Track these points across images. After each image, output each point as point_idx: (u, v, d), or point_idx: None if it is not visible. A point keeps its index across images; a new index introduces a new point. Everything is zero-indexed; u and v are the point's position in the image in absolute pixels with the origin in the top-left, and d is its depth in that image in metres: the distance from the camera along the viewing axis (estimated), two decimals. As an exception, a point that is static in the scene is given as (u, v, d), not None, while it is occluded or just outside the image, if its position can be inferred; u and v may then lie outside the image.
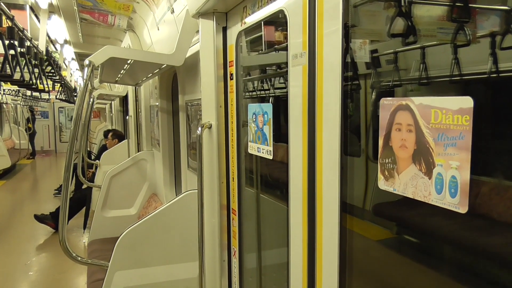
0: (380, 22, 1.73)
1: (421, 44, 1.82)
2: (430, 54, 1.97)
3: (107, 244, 4.93)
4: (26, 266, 6.34)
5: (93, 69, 2.98)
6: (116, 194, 5.59)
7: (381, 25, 1.71)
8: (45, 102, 20.00)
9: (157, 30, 4.44)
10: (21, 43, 4.99)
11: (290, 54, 1.79)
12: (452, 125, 1.11)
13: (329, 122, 1.56)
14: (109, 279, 2.85)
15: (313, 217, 1.70)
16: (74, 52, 9.20)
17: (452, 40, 1.54)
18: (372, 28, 1.73)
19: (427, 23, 1.57)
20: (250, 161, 2.63)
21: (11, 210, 10.10)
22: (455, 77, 1.89)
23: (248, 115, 2.30)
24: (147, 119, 6.08)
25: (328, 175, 1.59)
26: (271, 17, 2.04)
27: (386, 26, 1.61)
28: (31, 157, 19.61)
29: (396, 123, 1.28)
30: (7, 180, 13.62)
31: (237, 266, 2.60)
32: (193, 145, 4.01)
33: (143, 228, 2.93)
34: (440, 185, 1.15)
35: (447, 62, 1.83)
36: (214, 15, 2.52)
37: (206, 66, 2.59)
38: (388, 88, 2.23)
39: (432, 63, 2.05)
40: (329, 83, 1.55)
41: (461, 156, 1.09)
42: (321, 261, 1.68)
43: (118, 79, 5.37)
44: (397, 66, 2.18)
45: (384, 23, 1.66)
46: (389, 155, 1.32)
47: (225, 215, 2.68)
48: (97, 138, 13.40)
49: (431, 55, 1.98)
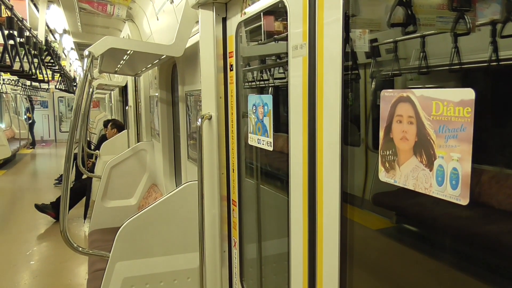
0: (380, 12, 1.72)
1: (421, 33, 1.82)
2: (430, 43, 1.96)
3: (107, 234, 4.95)
4: (27, 255, 6.38)
5: (93, 60, 2.97)
6: (116, 185, 5.60)
7: (381, 15, 1.70)
8: (45, 92, 19.96)
9: (157, 20, 4.41)
10: (20, 33, 4.96)
11: (290, 45, 1.77)
12: (453, 117, 1.10)
13: (329, 113, 1.56)
14: (110, 270, 2.86)
15: (313, 207, 1.70)
16: (74, 42, 9.13)
17: (452, 29, 1.53)
18: (372, 18, 1.72)
19: (427, 12, 1.55)
20: (249, 150, 2.63)
21: (11, 200, 10.13)
22: (455, 66, 1.88)
23: (248, 106, 2.29)
24: (146, 110, 6.06)
25: (329, 165, 1.59)
26: (271, 8, 2.03)
27: (386, 15, 1.61)
28: (31, 147, 19.63)
29: (397, 115, 1.28)
30: (7, 170, 13.65)
31: (238, 257, 2.61)
32: (192, 135, 4.01)
33: (143, 219, 2.94)
34: (441, 177, 1.15)
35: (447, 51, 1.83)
36: (214, 6, 2.51)
37: (206, 57, 2.58)
38: (388, 78, 2.23)
39: (432, 52, 2.04)
40: (330, 74, 1.54)
41: (462, 148, 1.09)
42: (321, 251, 1.68)
43: (117, 70, 5.35)
44: (396, 55, 2.17)
45: (384, 12, 1.66)
46: (390, 147, 1.31)
47: (225, 206, 2.69)
48: (97, 128, 13.39)
49: (431, 44, 1.97)
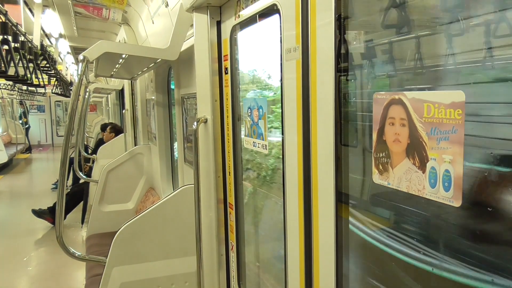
0: (374, 13, 1.72)
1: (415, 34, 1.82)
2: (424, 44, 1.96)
3: (105, 238, 4.94)
4: (25, 261, 6.35)
5: (88, 64, 2.96)
6: (113, 189, 5.59)
7: (375, 16, 1.70)
8: (41, 96, 19.91)
9: (152, 23, 4.41)
10: (15, 38, 4.95)
11: (283, 48, 1.78)
12: (444, 119, 1.11)
13: (323, 114, 1.56)
14: (107, 275, 2.86)
15: (309, 208, 1.70)
16: (69, 46, 9.15)
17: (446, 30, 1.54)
18: (365, 19, 1.72)
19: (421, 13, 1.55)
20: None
21: (9, 205, 10.11)
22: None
23: (243, 109, 2.29)
24: (143, 113, 6.06)
25: (323, 166, 1.59)
26: (265, 10, 2.03)
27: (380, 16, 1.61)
28: (27, 152, 19.56)
29: (389, 117, 1.28)
30: (4, 175, 13.61)
31: (235, 260, 2.61)
32: (189, 138, 4.01)
33: (140, 223, 2.94)
34: (433, 179, 1.16)
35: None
36: (208, 9, 2.51)
37: (201, 60, 2.58)
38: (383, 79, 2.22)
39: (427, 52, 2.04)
40: (323, 76, 1.55)
41: (454, 150, 1.09)
42: (317, 252, 1.69)
43: (113, 73, 5.35)
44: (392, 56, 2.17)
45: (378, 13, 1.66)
46: (383, 149, 1.32)
47: (222, 209, 2.69)
48: (94, 132, 13.37)
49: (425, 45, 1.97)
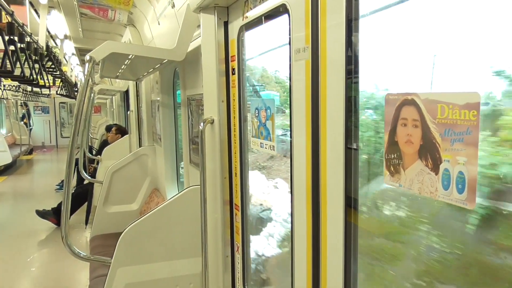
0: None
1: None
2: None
3: (109, 239, 4.93)
4: (28, 262, 6.35)
5: (94, 65, 2.96)
6: (117, 190, 5.59)
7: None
8: (46, 97, 19.96)
9: (158, 24, 4.41)
10: (21, 39, 4.95)
11: (292, 49, 1.76)
12: (459, 120, 1.09)
13: (332, 116, 1.55)
14: (112, 276, 2.84)
15: (317, 212, 1.68)
16: (75, 47, 9.16)
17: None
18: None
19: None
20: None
21: (12, 206, 10.12)
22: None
23: (251, 110, 2.28)
24: (148, 114, 6.07)
25: (332, 169, 1.57)
26: (273, 11, 2.02)
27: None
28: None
29: (401, 118, 1.27)
30: (8, 176, 13.64)
31: (241, 262, 2.59)
32: (194, 139, 4.00)
33: (145, 224, 2.92)
34: (447, 181, 1.14)
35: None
36: (216, 10, 2.50)
37: (208, 61, 2.57)
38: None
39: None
40: (333, 77, 1.53)
41: (468, 152, 1.08)
42: (325, 258, 1.67)
43: (119, 74, 5.35)
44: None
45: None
46: (395, 151, 1.30)
47: (228, 210, 2.68)
48: (98, 133, 13.39)
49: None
